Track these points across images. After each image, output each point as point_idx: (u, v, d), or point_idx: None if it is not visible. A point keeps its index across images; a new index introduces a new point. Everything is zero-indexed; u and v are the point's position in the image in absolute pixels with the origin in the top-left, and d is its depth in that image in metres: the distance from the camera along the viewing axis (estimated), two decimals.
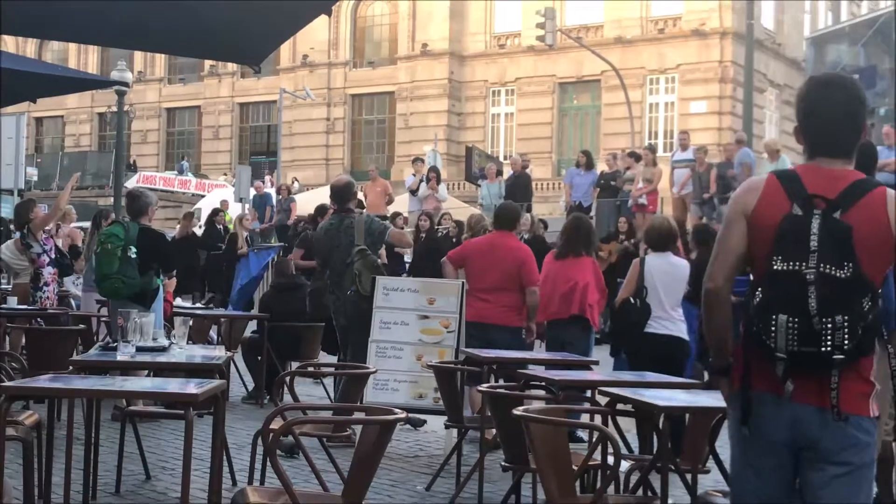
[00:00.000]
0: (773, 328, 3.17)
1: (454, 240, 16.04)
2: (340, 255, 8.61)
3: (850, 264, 3.14)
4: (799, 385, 3.24)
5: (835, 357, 3.16)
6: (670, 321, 7.67)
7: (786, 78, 43.75)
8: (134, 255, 8.48)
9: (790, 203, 3.29)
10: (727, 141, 37.99)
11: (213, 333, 12.19)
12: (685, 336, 7.77)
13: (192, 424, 4.37)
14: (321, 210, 13.68)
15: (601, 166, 20.76)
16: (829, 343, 3.14)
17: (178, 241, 18.54)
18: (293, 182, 33.27)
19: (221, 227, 20.31)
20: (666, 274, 7.74)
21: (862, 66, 28.06)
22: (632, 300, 7.64)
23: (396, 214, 19.71)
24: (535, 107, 43.51)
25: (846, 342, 3.14)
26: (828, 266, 3.14)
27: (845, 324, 3.12)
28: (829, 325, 3.12)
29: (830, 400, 3.22)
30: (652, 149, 21.25)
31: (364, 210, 18.02)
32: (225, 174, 45.11)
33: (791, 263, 3.18)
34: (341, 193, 8.88)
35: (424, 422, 9.09)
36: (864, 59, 28.17)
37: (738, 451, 3.44)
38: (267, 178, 29.78)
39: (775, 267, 3.20)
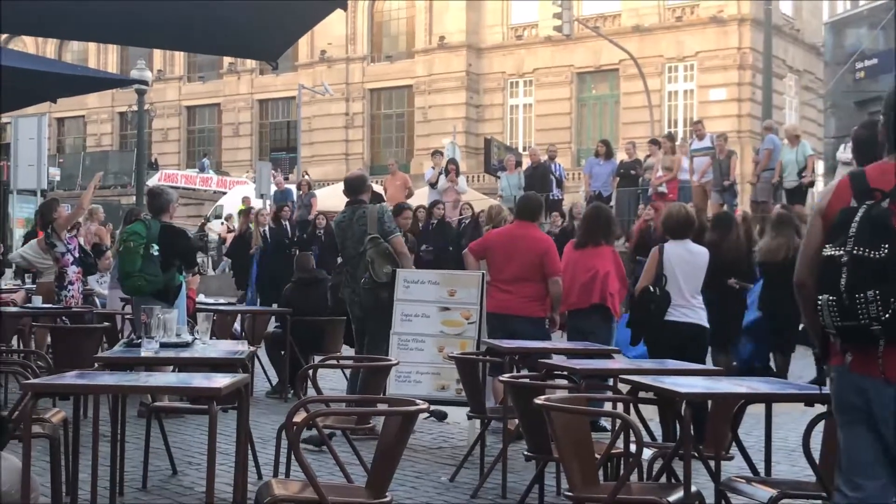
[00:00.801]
0: (819, 307, 3.55)
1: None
2: (354, 245, 8.63)
3: (888, 245, 3.43)
4: (855, 356, 3.61)
5: (872, 328, 3.46)
6: (690, 308, 7.67)
7: (805, 63, 43.49)
8: (156, 253, 8.54)
9: (852, 197, 3.63)
10: (747, 128, 38.02)
11: (237, 327, 12.28)
12: (705, 323, 7.76)
13: (216, 419, 4.40)
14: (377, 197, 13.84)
15: (620, 155, 20.71)
16: (865, 316, 3.45)
17: (237, 238, 18.51)
18: (304, 176, 33.31)
19: (287, 222, 19.46)
20: (685, 262, 7.74)
21: (881, 49, 27.84)
22: (651, 288, 7.64)
23: (418, 208, 19.77)
24: (554, 97, 43.42)
25: (882, 314, 3.42)
26: (861, 248, 3.46)
27: (877, 297, 3.41)
28: (862, 300, 3.44)
29: (878, 368, 3.53)
30: (671, 137, 21.18)
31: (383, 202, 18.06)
32: (247, 172, 45.25)
33: (834, 249, 3.55)
34: (354, 185, 8.91)
35: (446, 415, 9.12)
36: (883, 43, 27.93)
37: (839, 421, 3.76)
38: (269, 173, 29.59)
39: (824, 253, 3.58)
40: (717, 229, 10.54)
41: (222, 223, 34.04)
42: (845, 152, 18.60)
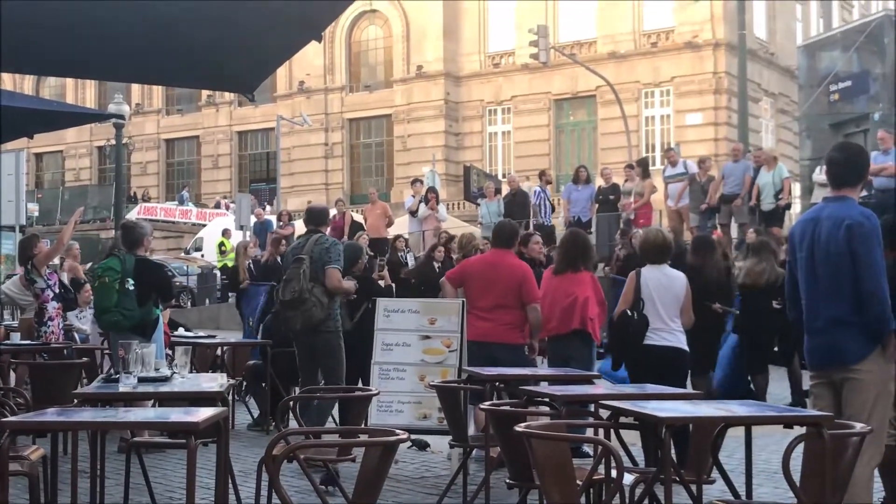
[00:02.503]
0: None
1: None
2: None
3: None
4: None
5: None
6: (669, 332, 7.69)
7: (780, 87, 43.85)
8: (132, 287, 8.51)
9: None
10: (724, 151, 38.23)
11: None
12: (685, 347, 7.78)
13: (196, 453, 4.38)
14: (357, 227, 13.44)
15: (599, 181, 20.82)
16: None
17: (265, 266, 18.23)
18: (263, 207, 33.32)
19: (401, 252, 18.99)
20: (662, 286, 7.77)
21: (855, 71, 28.10)
22: (629, 312, 7.66)
23: (397, 237, 19.79)
24: (532, 124, 43.64)
25: None
26: None
27: None
28: None
29: None
30: (641, 163, 21.32)
31: (364, 233, 18.04)
32: (225, 198, 45.23)
33: None
34: (317, 216, 8.95)
35: (428, 444, 9.09)
36: (856, 65, 28.20)
37: None
38: (223, 202, 29.57)
39: None
40: (698, 252, 10.58)
41: (202, 255, 33.98)
42: (821, 174, 18.72)
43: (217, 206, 43.44)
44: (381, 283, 11.40)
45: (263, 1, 5.94)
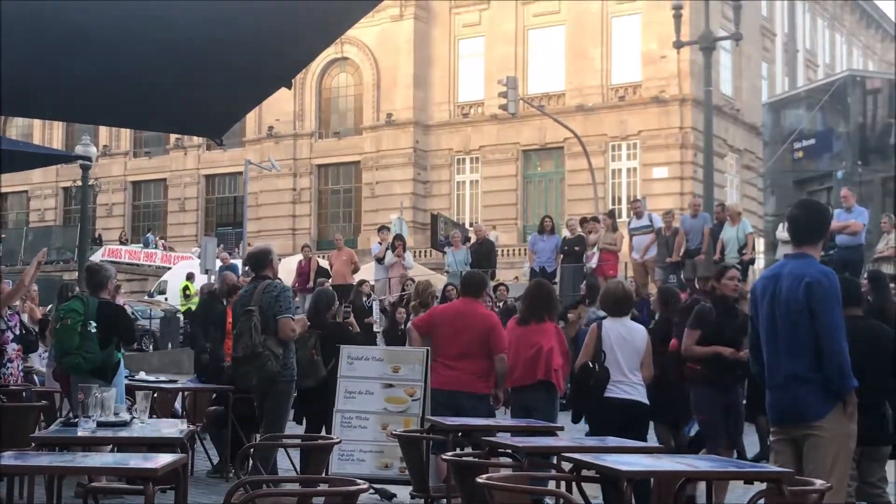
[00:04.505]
0: None
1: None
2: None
3: None
4: None
5: None
6: (630, 385, 7.71)
7: (745, 143, 44.44)
8: (94, 330, 8.43)
9: None
10: (689, 203, 38.58)
11: (178, 406, 12.10)
12: (645, 400, 7.80)
13: (153, 499, 4.34)
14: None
15: (564, 231, 20.93)
16: None
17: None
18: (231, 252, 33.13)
19: (366, 297, 18.92)
20: (623, 339, 7.80)
21: (819, 129, 28.55)
22: (590, 364, 7.68)
23: (362, 282, 19.75)
24: (500, 174, 43.89)
25: None
26: None
27: None
28: None
29: None
30: (612, 214, 21.48)
31: (328, 280, 17.98)
32: (194, 249, 44.96)
33: None
34: (255, 260, 8.68)
35: (394, 495, 9.02)
36: (820, 123, 28.66)
37: None
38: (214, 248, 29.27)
39: None
40: (666, 306, 10.62)
41: (166, 298, 33.75)
42: (784, 231, 18.96)
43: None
44: (351, 329, 11.35)
45: (233, 47, 5.96)
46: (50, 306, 14.61)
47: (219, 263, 26.74)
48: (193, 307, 24.48)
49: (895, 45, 57.57)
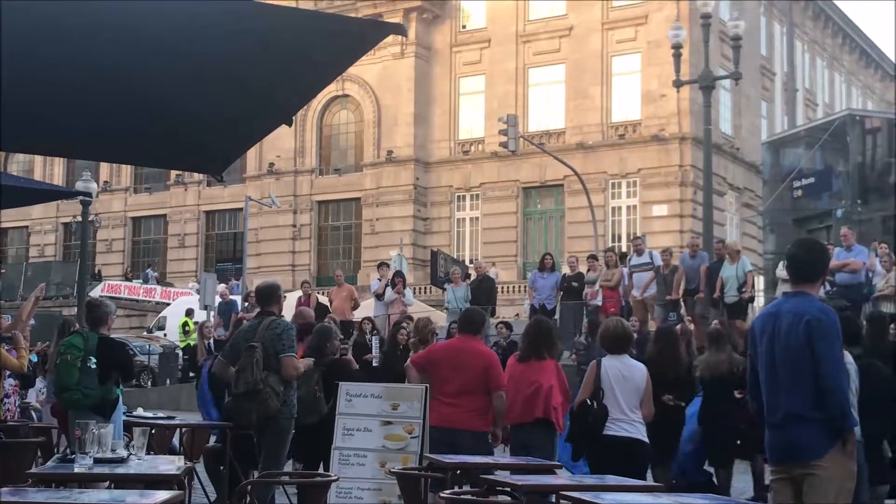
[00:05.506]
0: None
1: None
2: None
3: None
4: None
5: None
6: (629, 423, 7.69)
7: (744, 181, 44.57)
8: (94, 366, 8.42)
9: None
10: (689, 243, 38.64)
11: (175, 442, 12.04)
12: (644, 438, 7.78)
13: None
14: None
15: (565, 269, 20.95)
16: None
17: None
18: (228, 283, 33.10)
19: (368, 335, 18.53)
20: (622, 376, 7.79)
21: (818, 168, 28.64)
22: (589, 402, 7.67)
23: (364, 319, 19.72)
24: (500, 211, 43.97)
25: None
26: None
27: None
28: None
29: None
30: (614, 251, 21.52)
31: (329, 316, 17.94)
32: (192, 282, 44.95)
33: None
34: (263, 295, 8.62)
35: None
36: (820, 162, 28.76)
37: None
38: (214, 284, 29.25)
39: None
40: (657, 343, 10.64)
41: (165, 334, 33.69)
42: (783, 270, 18.98)
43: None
44: (350, 365, 11.32)
45: (234, 85, 6.00)
46: (47, 342, 14.58)
47: (218, 299, 26.72)
48: (192, 343, 24.46)
49: (895, 85, 57.92)
